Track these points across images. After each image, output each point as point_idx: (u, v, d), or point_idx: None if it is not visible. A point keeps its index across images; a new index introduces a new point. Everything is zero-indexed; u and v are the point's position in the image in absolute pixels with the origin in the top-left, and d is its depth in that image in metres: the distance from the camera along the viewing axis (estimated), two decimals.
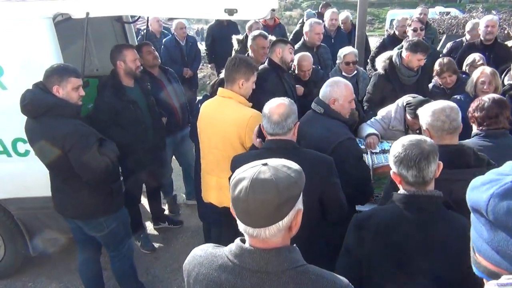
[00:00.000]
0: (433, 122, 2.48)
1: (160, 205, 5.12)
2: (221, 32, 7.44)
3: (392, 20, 16.11)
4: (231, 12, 3.35)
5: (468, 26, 6.15)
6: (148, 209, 5.11)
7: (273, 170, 1.37)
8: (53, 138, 2.99)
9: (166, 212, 5.33)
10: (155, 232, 5.03)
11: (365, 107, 4.76)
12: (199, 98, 7.47)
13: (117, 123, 3.96)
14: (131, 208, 4.49)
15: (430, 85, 4.87)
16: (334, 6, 10.41)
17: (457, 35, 7.62)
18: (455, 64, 4.64)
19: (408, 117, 3.85)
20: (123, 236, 3.49)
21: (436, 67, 4.64)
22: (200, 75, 11.94)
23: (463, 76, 4.77)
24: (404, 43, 4.65)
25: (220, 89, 3.36)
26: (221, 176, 3.24)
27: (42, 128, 3.03)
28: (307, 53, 4.93)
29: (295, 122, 2.55)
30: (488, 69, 4.07)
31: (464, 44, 6.06)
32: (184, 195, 5.67)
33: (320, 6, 9.70)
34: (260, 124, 2.73)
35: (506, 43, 5.94)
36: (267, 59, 4.42)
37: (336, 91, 3.05)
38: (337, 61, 5.19)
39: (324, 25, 6.70)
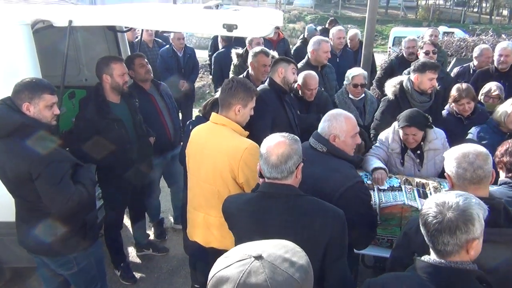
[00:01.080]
0: (454, 169, 2.12)
1: (145, 229, 4.72)
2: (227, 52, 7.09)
3: (395, 38, 16.03)
4: (230, 28, 3.02)
5: (475, 52, 5.85)
6: (132, 234, 4.70)
7: (269, 268, 0.99)
8: (18, 163, 2.61)
9: (152, 237, 4.93)
10: (138, 260, 4.62)
11: (372, 135, 4.41)
12: (195, 111, 7.19)
13: (98, 143, 3.58)
14: (111, 234, 4.14)
15: (444, 113, 4.52)
16: (340, 22, 10.16)
17: (466, 59, 7.29)
18: (474, 90, 4.31)
19: (400, 131, 3.59)
20: (94, 275, 3.07)
21: (454, 92, 4.31)
22: (200, 83, 11.62)
23: (480, 106, 4.45)
24: (412, 66, 4.35)
25: (213, 114, 2.99)
26: (209, 214, 2.86)
27: (7, 150, 2.65)
28: (313, 71, 4.61)
29: (297, 164, 2.14)
30: None
31: (471, 69, 5.76)
32: (172, 219, 5.27)
33: (328, 22, 9.43)
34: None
35: None
36: (268, 79, 4.07)
37: (335, 126, 2.66)
38: (345, 82, 4.86)
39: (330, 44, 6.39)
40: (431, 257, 1.69)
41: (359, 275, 3.86)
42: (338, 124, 2.65)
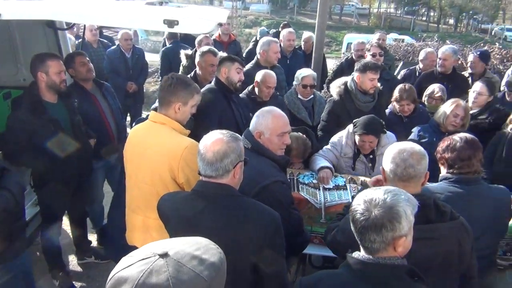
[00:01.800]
0: (388, 163, 2.12)
1: (86, 236, 4.50)
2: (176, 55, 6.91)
3: (349, 44, 16.41)
4: (171, 24, 2.91)
5: (421, 55, 6.05)
6: (72, 241, 4.46)
7: (173, 267, 0.91)
8: None
9: (94, 244, 4.70)
10: (79, 268, 4.38)
11: (319, 136, 4.42)
12: (145, 113, 6.98)
13: (33, 145, 3.37)
14: (48, 241, 3.91)
15: (387, 111, 4.62)
16: (294, 27, 10.27)
17: (412, 63, 7.56)
18: (415, 92, 4.43)
19: (356, 137, 3.60)
20: None
21: (396, 93, 4.44)
22: (155, 87, 11.34)
23: (421, 106, 4.57)
24: (355, 66, 4.42)
25: (152, 112, 2.87)
26: (148, 216, 2.72)
27: None
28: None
29: (235, 162, 2.06)
30: (463, 103, 3.89)
31: (417, 72, 5.94)
32: None
33: (281, 26, 9.47)
34: None
35: (463, 73, 5.82)
36: (214, 78, 3.99)
37: (261, 123, 2.58)
38: (294, 83, 4.85)
39: (280, 45, 6.40)
40: (361, 253, 1.67)
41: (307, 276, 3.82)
42: (264, 121, 2.58)
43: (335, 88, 4.43)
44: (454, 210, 2.22)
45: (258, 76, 4.40)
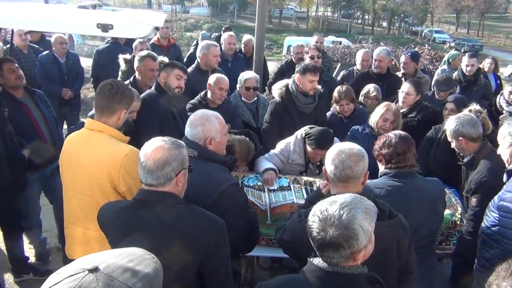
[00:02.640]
0: (328, 165, 2.16)
1: (22, 252, 4.24)
2: (113, 51, 6.67)
3: (289, 46, 16.72)
4: (105, 28, 2.82)
5: (357, 56, 6.29)
6: (7, 258, 4.19)
7: (103, 281, 0.89)
8: None
9: (32, 260, 4.45)
10: (16, 287, 4.13)
11: (263, 137, 4.46)
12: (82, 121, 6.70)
13: None
14: None
15: (328, 113, 4.75)
16: (235, 31, 10.32)
17: (349, 64, 7.83)
18: (353, 92, 4.57)
19: (309, 148, 3.63)
20: None
21: (335, 94, 4.56)
22: (93, 94, 10.92)
23: (361, 106, 4.73)
24: (296, 69, 4.51)
25: (88, 120, 2.76)
26: (89, 228, 2.62)
27: None
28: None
29: (178, 170, 2.02)
30: (393, 108, 4.01)
31: (355, 72, 6.16)
32: (56, 238, 4.82)
33: (223, 29, 9.48)
34: None
35: (397, 73, 6.10)
36: (155, 83, 3.92)
37: (210, 129, 2.55)
38: (237, 85, 4.88)
39: (221, 49, 6.40)
40: (321, 260, 1.66)
41: (256, 277, 3.84)
42: (212, 126, 2.55)
43: (277, 89, 4.49)
44: (396, 202, 2.33)
45: (211, 78, 4.40)
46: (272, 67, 10.00)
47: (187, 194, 2.24)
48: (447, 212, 3.31)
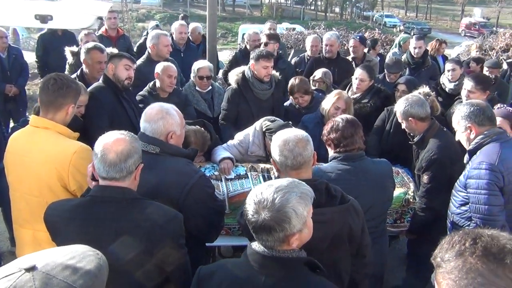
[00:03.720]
0: (277, 156, 2.15)
1: None
2: (55, 43, 6.41)
3: (244, 34, 16.65)
4: (43, 19, 2.72)
5: (306, 42, 6.34)
6: None
7: (41, 280, 0.85)
8: None
9: None
10: None
11: (221, 125, 4.43)
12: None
13: None
14: None
15: (287, 103, 4.75)
16: (190, 20, 10.19)
17: (303, 50, 7.88)
18: (307, 83, 4.54)
19: (268, 140, 3.60)
20: None
21: (289, 86, 4.54)
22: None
23: (320, 94, 4.70)
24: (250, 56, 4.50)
25: (33, 117, 2.64)
26: (39, 229, 2.49)
27: None
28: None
29: (137, 163, 1.98)
30: (345, 96, 4.02)
31: (306, 59, 6.23)
32: (8, 241, 4.62)
33: (180, 17, 9.35)
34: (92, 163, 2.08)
35: (347, 57, 6.21)
36: (102, 76, 3.79)
37: (171, 123, 2.47)
38: (191, 75, 4.80)
39: (173, 38, 6.28)
40: (261, 246, 1.66)
41: None
42: (173, 119, 2.48)
43: (233, 76, 4.47)
44: (346, 185, 2.37)
45: (158, 67, 4.31)
46: (228, 56, 9.94)
47: (155, 191, 2.22)
48: (400, 190, 3.43)
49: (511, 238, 1.18)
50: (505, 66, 7.74)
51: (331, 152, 2.80)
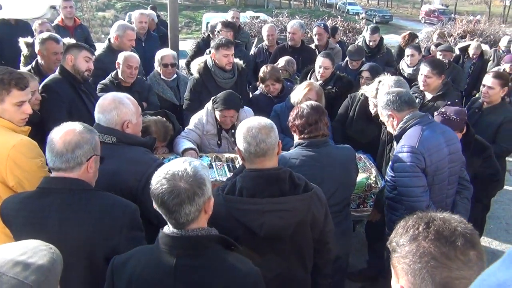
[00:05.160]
0: (240, 143, 2.13)
1: None
2: (8, 33, 6.11)
3: (208, 23, 16.49)
4: None
5: (263, 32, 6.35)
6: None
7: None
8: None
9: None
10: None
11: (185, 115, 4.38)
12: None
13: None
14: None
15: (258, 92, 4.72)
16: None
17: None
18: (278, 71, 4.52)
19: (217, 114, 3.64)
20: None
21: (260, 74, 4.50)
22: None
23: (289, 84, 4.69)
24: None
25: None
26: None
27: None
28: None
29: (89, 155, 1.94)
30: (316, 87, 4.01)
31: (264, 49, 6.23)
32: None
33: (149, 8, 9.20)
34: None
35: (310, 45, 6.23)
36: (59, 67, 3.65)
37: (126, 112, 2.44)
38: (155, 64, 4.76)
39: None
40: (170, 227, 1.66)
41: None
42: (127, 108, 2.45)
43: (195, 66, 4.44)
44: (311, 171, 2.39)
45: (120, 57, 4.23)
46: (191, 45, 9.82)
47: (113, 182, 2.20)
48: (362, 176, 3.49)
49: (462, 221, 1.22)
50: (457, 51, 8.02)
51: (296, 138, 2.81)
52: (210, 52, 4.52)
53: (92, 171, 2.00)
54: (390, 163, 3.00)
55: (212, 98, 3.69)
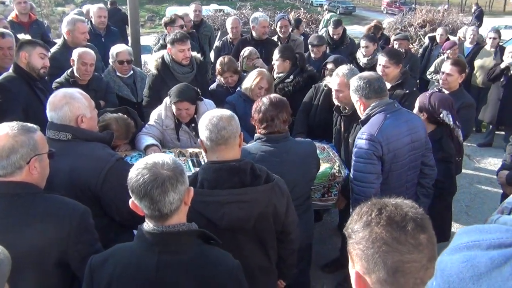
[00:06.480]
0: (202, 132, 2.14)
1: None
2: None
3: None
4: None
5: (227, 25, 6.32)
6: None
7: None
8: None
9: None
10: None
11: (145, 112, 4.31)
12: None
13: None
14: None
15: (214, 85, 4.70)
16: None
17: None
18: (236, 63, 4.55)
19: (173, 107, 3.58)
20: None
21: (218, 66, 4.51)
22: None
23: (244, 74, 4.69)
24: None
25: None
26: None
27: None
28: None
29: (28, 157, 1.86)
30: (266, 75, 4.02)
31: (228, 42, 6.20)
32: None
33: (109, 2, 8.97)
34: None
35: (272, 38, 6.24)
36: (13, 65, 3.52)
37: (78, 106, 2.38)
38: (110, 60, 4.62)
39: (92, 23, 5.98)
40: (150, 224, 1.64)
41: None
42: (80, 103, 2.39)
43: (152, 62, 4.36)
44: (270, 166, 2.38)
45: (74, 54, 4.09)
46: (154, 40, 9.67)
47: (69, 179, 2.15)
48: (326, 166, 3.53)
49: (413, 205, 1.25)
50: (426, 40, 8.21)
51: (257, 132, 2.81)
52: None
53: (37, 172, 1.92)
54: (355, 149, 3.04)
55: (168, 91, 3.63)
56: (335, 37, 6.37)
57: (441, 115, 3.42)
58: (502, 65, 6.44)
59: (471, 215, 5.15)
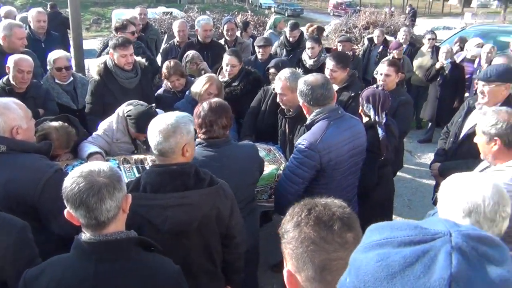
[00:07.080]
0: (150, 139, 2.16)
1: None
2: None
3: (118, 19, 15.83)
4: None
5: (174, 28, 6.29)
6: None
7: None
8: None
9: None
10: None
11: (88, 119, 4.19)
12: None
13: None
14: None
15: (161, 91, 4.65)
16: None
17: None
18: (182, 66, 4.53)
19: (132, 130, 3.50)
20: None
21: (164, 70, 4.46)
22: None
23: (192, 78, 4.68)
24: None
25: None
26: None
27: None
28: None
29: None
30: (216, 80, 4.01)
31: (175, 45, 6.17)
32: None
33: (49, 5, 8.59)
34: None
35: (219, 41, 6.26)
36: None
37: (13, 117, 2.30)
38: (48, 67, 4.48)
39: (30, 27, 5.75)
40: (87, 234, 1.61)
41: None
42: (14, 114, 2.31)
43: (94, 67, 4.25)
44: (211, 171, 2.39)
45: (9, 61, 3.92)
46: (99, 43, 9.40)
47: (7, 193, 2.09)
48: (272, 167, 3.59)
49: (342, 205, 1.30)
50: (366, 41, 8.48)
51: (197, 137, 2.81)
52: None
53: None
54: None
55: (126, 109, 3.48)
56: (291, 39, 6.41)
57: (364, 107, 3.64)
58: (437, 65, 6.81)
59: (413, 208, 5.40)
